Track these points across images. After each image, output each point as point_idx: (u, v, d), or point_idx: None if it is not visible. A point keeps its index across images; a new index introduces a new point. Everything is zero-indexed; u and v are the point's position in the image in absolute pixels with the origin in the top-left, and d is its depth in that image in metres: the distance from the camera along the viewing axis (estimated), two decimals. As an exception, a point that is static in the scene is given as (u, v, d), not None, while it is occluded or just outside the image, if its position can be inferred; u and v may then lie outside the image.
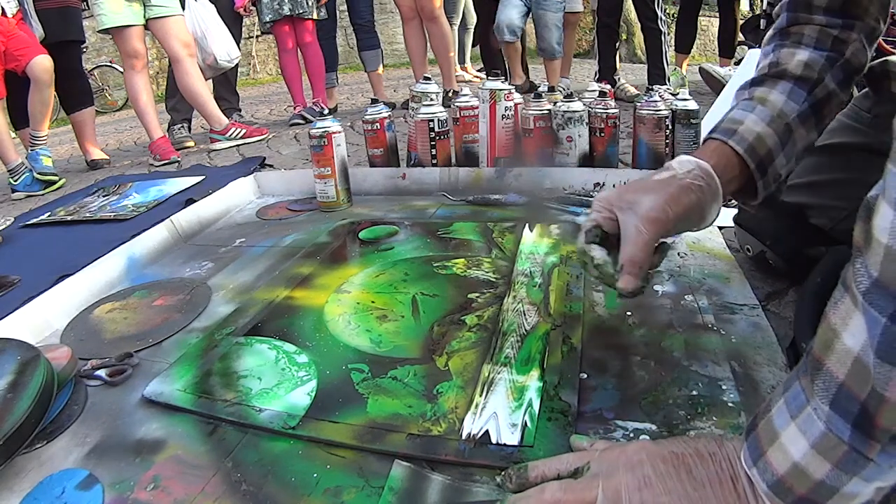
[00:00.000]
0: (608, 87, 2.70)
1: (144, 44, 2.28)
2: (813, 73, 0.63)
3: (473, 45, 4.09)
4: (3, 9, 2.02)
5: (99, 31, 2.27)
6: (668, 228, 0.55)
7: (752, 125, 0.61)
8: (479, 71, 4.08)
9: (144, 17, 2.22)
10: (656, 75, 2.57)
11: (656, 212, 0.55)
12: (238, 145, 2.42)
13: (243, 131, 2.45)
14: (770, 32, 0.70)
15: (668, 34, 2.58)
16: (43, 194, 2.08)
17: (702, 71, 2.67)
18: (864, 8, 0.63)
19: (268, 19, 2.67)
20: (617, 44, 2.79)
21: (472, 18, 3.96)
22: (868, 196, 0.34)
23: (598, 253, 0.57)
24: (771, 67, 0.66)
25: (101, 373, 0.72)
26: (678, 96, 1.29)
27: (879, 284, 0.32)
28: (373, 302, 0.83)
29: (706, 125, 1.26)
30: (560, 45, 2.77)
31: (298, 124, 2.78)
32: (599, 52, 2.75)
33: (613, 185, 1.21)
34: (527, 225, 1.04)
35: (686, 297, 0.77)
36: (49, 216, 1.45)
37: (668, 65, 2.58)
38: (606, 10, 2.70)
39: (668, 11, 2.62)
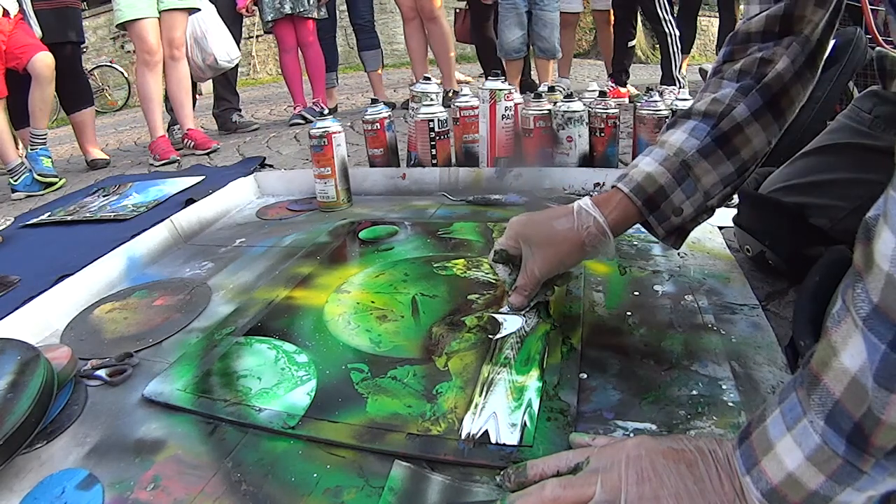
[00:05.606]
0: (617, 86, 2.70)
1: (160, 40, 2.28)
2: (719, 106, 0.64)
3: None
4: (3, 9, 2.03)
5: (117, 26, 2.27)
6: (557, 271, 0.71)
7: (644, 166, 0.67)
8: (479, 76, 4.06)
9: (158, 9, 2.23)
10: (667, 77, 2.56)
11: (549, 263, 0.70)
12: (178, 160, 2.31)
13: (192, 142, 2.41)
14: (710, 68, 0.73)
15: (675, 37, 2.52)
16: (43, 194, 2.08)
17: (702, 71, 2.67)
18: (806, 20, 0.63)
19: (269, 18, 2.68)
20: (630, 42, 2.74)
21: None
22: (867, 217, 0.34)
23: (501, 271, 0.76)
24: (688, 108, 0.69)
25: (101, 373, 0.72)
26: (678, 96, 1.29)
27: (879, 311, 0.32)
28: (373, 302, 0.83)
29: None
30: (559, 44, 2.77)
31: (298, 124, 2.78)
32: (614, 49, 2.73)
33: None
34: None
35: (686, 297, 0.77)
36: (49, 216, 1.44)
37: (675, 68, 2.53)
38: (620, 6, 2.68)
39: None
